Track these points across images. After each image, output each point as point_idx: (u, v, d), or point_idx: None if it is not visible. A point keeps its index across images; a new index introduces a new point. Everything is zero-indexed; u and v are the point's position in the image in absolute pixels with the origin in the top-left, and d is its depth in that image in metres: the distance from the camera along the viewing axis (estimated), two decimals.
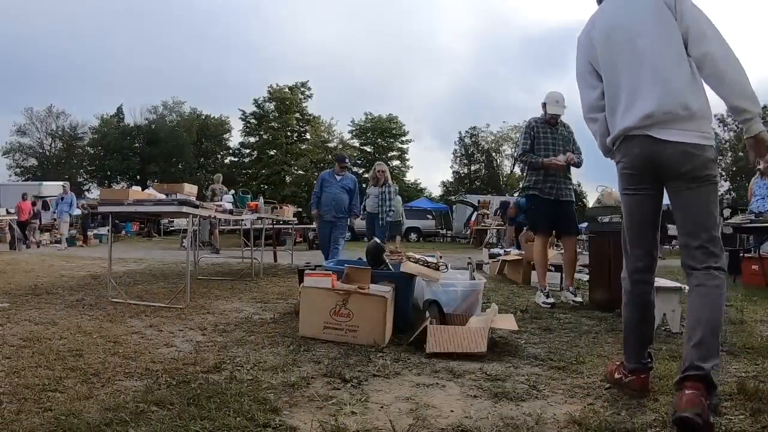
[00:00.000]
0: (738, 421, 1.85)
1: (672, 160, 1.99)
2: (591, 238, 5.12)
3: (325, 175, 7.06)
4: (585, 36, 2.27)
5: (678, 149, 1.98)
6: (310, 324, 3.09)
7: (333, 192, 6.82)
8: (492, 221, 17.01)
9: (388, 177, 8.09)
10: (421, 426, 1.82)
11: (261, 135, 38.03)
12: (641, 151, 2.06)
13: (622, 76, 2.11)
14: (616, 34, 2.14)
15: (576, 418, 1.86)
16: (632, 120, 2.05)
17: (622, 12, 2.16)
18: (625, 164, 2.12)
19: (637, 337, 2.18)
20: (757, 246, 6.87)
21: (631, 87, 2.08)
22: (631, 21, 2.12)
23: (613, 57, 2.14)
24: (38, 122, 40.92)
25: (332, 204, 6.74)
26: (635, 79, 2.07)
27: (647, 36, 2.06)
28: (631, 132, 2.07)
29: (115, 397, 2.03)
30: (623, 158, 2.13)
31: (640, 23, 2.09)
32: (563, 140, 4.78)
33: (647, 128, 2.02)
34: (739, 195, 33.90)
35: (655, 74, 2.03)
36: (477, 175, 43.22)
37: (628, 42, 2.10)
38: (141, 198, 4.80)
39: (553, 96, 4.82)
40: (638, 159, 2.07)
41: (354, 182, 7.04)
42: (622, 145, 2.12)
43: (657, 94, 2.00)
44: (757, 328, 3.53)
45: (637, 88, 2.06)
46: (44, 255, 10.44)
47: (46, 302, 4.28)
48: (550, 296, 4.49)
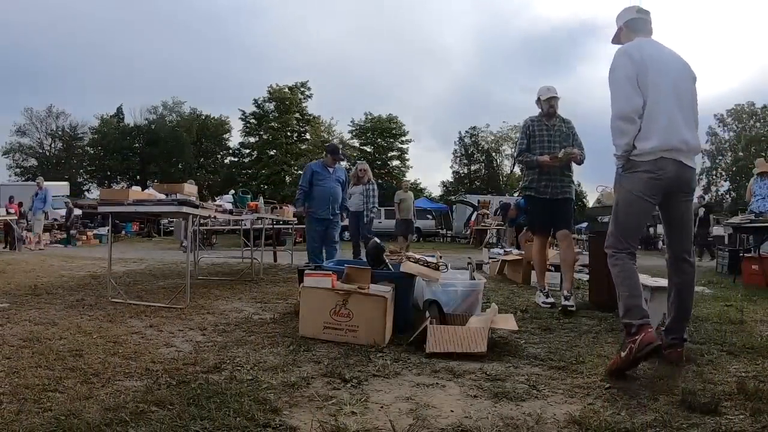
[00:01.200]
0: (738, 421, 1.85)
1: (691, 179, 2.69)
2: (591, 238, 5.12)
3: (316, 166, 6.33)
4: (638, 53, 2.66)
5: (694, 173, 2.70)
6: (310, 324, 3.09)
7: (329, 186, 6.14)
8: (492, 221, 17.01)
9: (371, 175, 8.18)
10: (421, 426, 1.82)
11: (261, 135, 38.00)
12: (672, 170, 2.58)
13: (664, 104, 2.60)
14: (665, 68, 2.65)
15: (576, 418, 1.86)
16: (673, 143, 2.56)
17: (670, 56, 2.73)
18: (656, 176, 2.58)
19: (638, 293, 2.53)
20: (757, 246, 6.88)
21: (671, 117, 2.59)
22: (676, 66, 2.71)
23: (660, 85, 2.61)
24: (38, 122, 41.01)
25: (329, 200, 6.09)
26: (675, 112, 2.61)
27: (686, 89, 2.70)
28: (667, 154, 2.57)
29: (115, 397, 2.03)
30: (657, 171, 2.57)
31: (682, 73, 2.72)
32: (561, 136, 4.57)
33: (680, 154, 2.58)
34: (739, 195, 33.90)
35: (690, 117, 2.66)
36: (477, 175, 43.22)
37: (673, 82, 2.64)
38: (141, 198, 4.80)
39: (544, 87, 4.65)
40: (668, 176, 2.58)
41: (345, 174, 6.60)
42: (658, 161, 2.57)
43: (691, 131, 2.64)
44: (757, 328, 3.53)
45: (675, 120, 2.59)
46: (44, 255, 10.44)
47: (46, 302, 4.28)
48: (549, 296, 4.47)
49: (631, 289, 2.55)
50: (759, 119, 40.54)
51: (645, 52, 2.65)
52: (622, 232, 2.65)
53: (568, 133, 4.62)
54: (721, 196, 41.18)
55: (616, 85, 2.67)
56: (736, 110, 40.82)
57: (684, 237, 2.71)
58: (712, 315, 3.92)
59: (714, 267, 8.61)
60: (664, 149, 2.56)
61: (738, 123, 40.99)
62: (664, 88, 2.61)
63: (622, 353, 2.39)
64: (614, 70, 2.68)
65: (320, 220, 6.09)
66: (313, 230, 6.16)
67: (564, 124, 4.65)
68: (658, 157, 2.56)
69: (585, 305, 4.46)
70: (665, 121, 2.57)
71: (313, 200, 6.11)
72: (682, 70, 2.73)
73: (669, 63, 2.69)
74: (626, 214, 2.66)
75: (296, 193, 6.41)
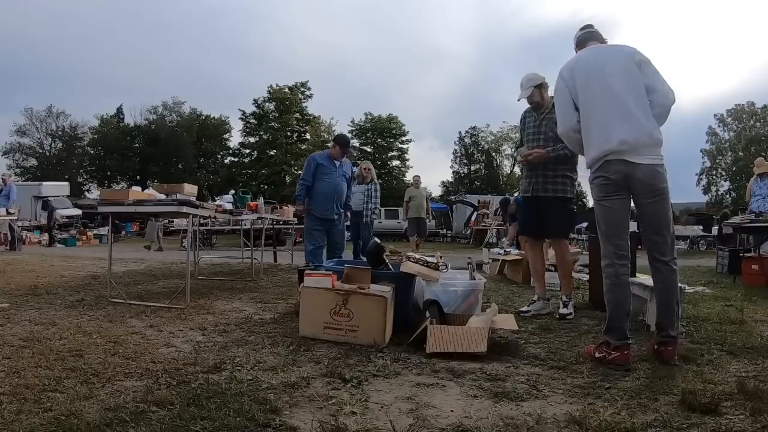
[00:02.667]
0: (738, 421, 1.85)
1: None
2: (591, 238, 5.12)
3: (321, 158, 5.56)
4: (568, 71, 2.82)
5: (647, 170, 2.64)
6: (310, 324, 3.09)
7: (335, 182, 5.45)
8: (492, 221, 17.01)
9: (374, 175, 7.97)
10: (421, 426, 1.82)
11: (261, 135, 38.01)
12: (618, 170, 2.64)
13: (597, 113, 2.70)
14: (597, 74, 2.72)
15: (576, 418, 1.86)
16: (610, 148, 2.63)
17: (602, 57, 2.78)
18: (605, 178, 2.68)
19: (623, 314, 2.64)
20: (757, 246, 6.87)
21: (604, 123, 2.67)
22: (607, 64, 2.73)
23: (589, 94, 2.73)
24: (38, 122, 40.97)
25: (333, 197, 5.43)
26: (608, 115, 2.66)
27: (620, 80, 2.68)
28: (610, 156, 2.64)
29: (115, 397, 2.03)
30: (605, 173, 2.68)
31: (614, 66, 2.71)
32: (549, 126, 3.90)
33: (623, 153, 2.61)
34: (739, 195, 33.88)
35: (629, 111, 2.64)
36: (477, 175, 43.22)
37: (602, 82, 2.69)
38: (141, 198, 4.80)
39: (524, 78, 4.07)
40: (617, 176, 2.65)
41: (351, 168, 5.97)
42: (604, 165, 2.68)
43: (632, 128, 2.62)
44: (757, 328, 3.53)
45: (609, 124, 2.65)
46: (44, 255, 10.44)
47: (46, 302, 4.28)
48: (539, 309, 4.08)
49: (613, 310, 2.65)
50: (759, 119, 40.51)
51: (576, 67, 2.81)
52: (603, 237, 2.75)
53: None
54: (721, 196, 41.13)
55: (556, 106, 2.95)
56: (736, 110, 40.80)
57: (653, 237, 2.69)
58: (712, 315, 3.91)
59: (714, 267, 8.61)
60: (603, 155, 2.66)
61: (738, 123, 40.96)
62: (594, 95, 2.71)
63: (597, 353, 2.62)
64: (554, 93, 2.96)
65: (322, 219, 5.43)
66: (313, 230, 5.49)
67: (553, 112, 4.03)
68: (603, 162, 2.68)
69: (585, 305, 4.46)
70: (597, 129, 2.69)
71: (314, 197, 5.43)
72: (612, 63, 2.72)
73: (599, 65, 2.74)
74: (600, 220, 2.77)
75: (297, 188, 5.71)
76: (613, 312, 2.66)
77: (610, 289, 2.69)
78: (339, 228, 5.59)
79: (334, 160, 5.54)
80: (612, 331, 2.61)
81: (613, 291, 2.68)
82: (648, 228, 2.72)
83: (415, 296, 3.63)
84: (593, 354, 2.64)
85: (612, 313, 2.66)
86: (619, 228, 2.71)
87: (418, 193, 10.68)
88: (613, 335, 2.59)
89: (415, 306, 3.60)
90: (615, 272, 2.67)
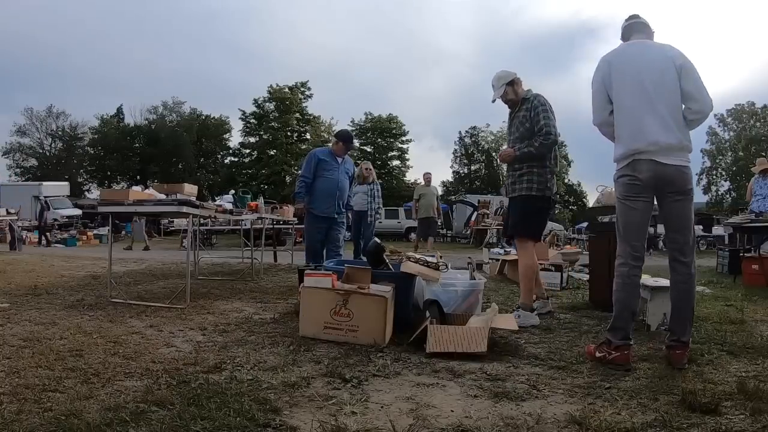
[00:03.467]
0: (738, 421, 1.85)
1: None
2: (591, 238, 5.12)
3: (322, 154, 5.30)
4: (606, 64, 2.76)
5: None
6: (310, 324, 3.09)
7: (337, 179, 5.19)
8: (492, 221, 17.01)
9: (374, 175, 7.89)
10: (421, 426, 1.82)
11: (261, 135, 38.01)
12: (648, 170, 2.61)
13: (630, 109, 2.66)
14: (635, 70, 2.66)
15: (576, 418, 1.86)
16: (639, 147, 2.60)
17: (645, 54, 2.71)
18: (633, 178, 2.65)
19: (629, 314, 2.63)
20: (757, 246, 6.87)
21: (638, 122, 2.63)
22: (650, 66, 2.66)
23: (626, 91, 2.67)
24: (38, 122, 41.01)
25: (335, 195, 5.17)
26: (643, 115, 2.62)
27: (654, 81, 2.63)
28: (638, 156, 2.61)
29: (115, 397, 2.03)
30: (633, 173, 2.64)
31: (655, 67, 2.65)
32: (516, 123, 3.84)
33: (652, 154, 2.59)
34: (739, 195, 33.90)
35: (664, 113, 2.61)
36: (477, 175, 43.22)
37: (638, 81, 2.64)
38: (141, 198, 4.80)
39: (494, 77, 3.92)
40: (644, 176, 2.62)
41: (353, 166, 5.68)
42: (632, 164, 2.64)
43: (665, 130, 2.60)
44: (757, 328, 3.53)
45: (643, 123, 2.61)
46: (44, 255, 10.44)
47: (46, 302, 4.28)
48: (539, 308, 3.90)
49: (620, 309, 2.63)
50: (759, 119, 40.51)
51: (615, 60, 2.75)
52: (621, 236, 2.71)
53: (526, 117, 3.76)
54: (721, 196, 41.14)
55: (592, 96, 2.84)
56: (736, 110, 40.79)
57: (677, 237, 2.68)
58: (712, 315, 3.91)
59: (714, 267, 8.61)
60: (632, 154, 2.63)
61: (738, 123, 40.96)
62: (627, 93, 2.67)
63: (597, 353, 2.62)
64: (591, 83, 2.83)
65: (323, 218, 5.15)
66: (314, 229, 5.23)
67: (524, 110, 3.79)
68: (631, 160, 2.64)
69: (585, 305, 4.46)
70: (628, 127, 2.65)
71: (315, 194, 5.16)
72: (654, 63, 2.66)
73: (637, 63, 2.68)
74: (620, 219, 2.72)
75: (296, 185, 5.44)
76: (619, 311, 2.63)
77: (621, 288, 2.66)
78: (340, 227, 5.31)
79: (337, 157, 5.26)
80: (615, 330, 2.60)
81: (623, 290, 2.65)
82: (671, 228, 2.70)
83: (415, 296, 3.63)
84: (594, 353, 2.65)
85: (618, 313, 2.63)
86: (639, 229, 2.67)
87: (428, 191, 9.97)
88: (615, 334, 2.59)
89: (415, 306, 3.60)
90: (628, 272, 2.64)
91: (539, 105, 3.71)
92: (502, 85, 3.84)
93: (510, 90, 3.84)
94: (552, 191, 3.83)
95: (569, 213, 40.77)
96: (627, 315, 2.62)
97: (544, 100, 3.77)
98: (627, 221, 2.68)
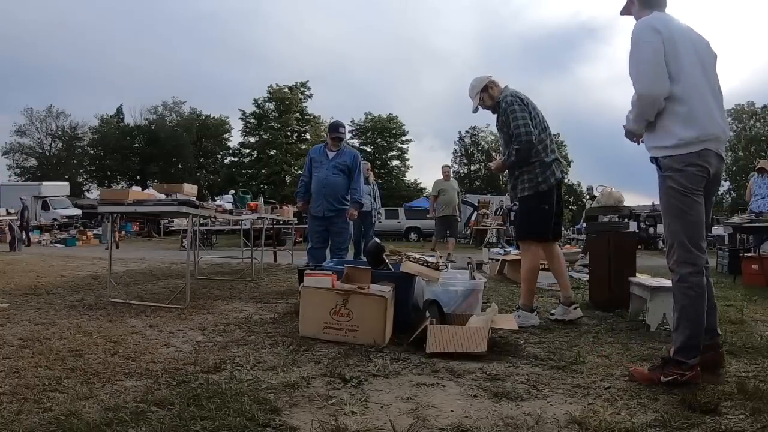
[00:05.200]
0: (738, 420, 1.85)
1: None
2: (591, 238, 5.12)
3: (314, 152, 5.20)
4: (665, 29, 2.34)
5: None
6: (310, 324, 3.09)
7: (322, 175, 4.96)
8: (492, 221, 17.02)
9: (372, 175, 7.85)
10: (421, 426, 1.82)
11: (261, 135, 38.00)
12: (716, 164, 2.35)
13: (701, 88, 2.34)
14: (693, 48, 2.38)
15: (576, 418, 1.86)
16: (713, 131, 2.30)
17: (694, 35, 2.44)
18: (701, 171, 2.30)
19: (702, 329, 2.28)
20: (757, 246, 6.87)
21: (708, 103, 2.34)
22: (702, 46, 2.43)
23: (694, 67, 2.35)
24: (38, 122, 41.00)
25: (322, 192, 4.92)
26: (709, 97, 2.35)
27: (710, 64, 2.42)
28: (709, 145, 2.29)
29: (115, 397, 2.03)
30: (702, 164, 2.29)
31: (709, 53, 2.45)
32: (499, 128, 3.84)
33: (719, 144, 2.34)
34: (739, 194, 33.89)
35: (721, 102, 2.41)
36: (477, 175, 43.22)
37: (699, 62, 2.37)
38: (141, 198, 4.80)
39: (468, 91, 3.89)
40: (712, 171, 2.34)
41: (355, 158, 5.11)
42: (702, 153, 2.29)
43: (724, 119, 2.41)
44: (757, 328, 3.53)
45: (711, 106, 2.34)
46: (44, 255, 10.44)
47: (46, 302, 4.28)
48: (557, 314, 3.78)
49: (693, 327, 2.26)
50: (759, 119, 40.54)
51: (673, 28, 2.36)
52: (685, 237, 2.29)
53: (503, 122, 3.73)
54: (721, 196, 41.13)
55: (643, 63, 2.32)
56: (736, 110, 40.78)
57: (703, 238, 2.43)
58: None
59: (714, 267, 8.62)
60: (706, 139, 2.28)
61: (738, 123, 40.97)
62: (697, 70, 2.34)
63: (663, 377, 2.23)
64: (639, 45, 2.33)
65: (318, 217, 5.01)
66: (310, 229, 5.12)
67: (500, 113, 3.77)
68: (702, 149, 2.28)
69: (585, 305, 4.46)
70: (703, 107, 2.30)
71: (311, 194, 5.07)
72: (708, 49, 2.45)
73: (696, 42, 2.41)
74: (683, 216, 2.30)
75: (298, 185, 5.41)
76: (693, 329, 2.26)
77: (694, 302, 2.27)
78: (340, 226, 5.00)
79: (329, 151, 5.06)
80: (689, 350, 2.24)
81: (697, 305, 2.27)
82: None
83: (415, 296, 3.63)
84: (656, 379, 2.24)
85: (692, 331, 2.26)
86: (701, 230, 2.34)
87: (448, 186, 8.95)
88: (689, 354, 2.24)
89: (415, 306, 3.60)
90: (699, 282, 2.28)
91: (507, 107, 3.66)
92: (477, 93, 3.80)
93: (486, 96, 3.79)
94: (548, 183, 3.67)
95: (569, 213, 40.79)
96: (701, 330, 2.27)
97: (512, 99, 3.67)
98: (695, 219, 2.29)
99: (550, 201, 3.72)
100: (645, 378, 2.27)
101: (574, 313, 3.67)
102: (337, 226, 4.98)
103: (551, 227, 3.77)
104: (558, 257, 3.86)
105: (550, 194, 3.71)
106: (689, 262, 2.28)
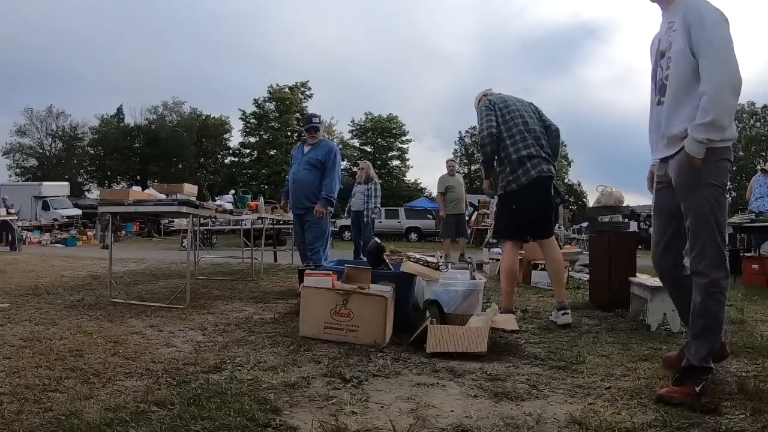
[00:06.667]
0: (738, 420, 1.85)
1: None
2: (591, 238, 5.12)
3: (295, 149, 5.21)
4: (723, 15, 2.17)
5: None
6: (310, 324, 3.09)
7: (293, 171, 4.91)
8: (492, 221, 17.01)
9: (372, 174, 7.76)
10: (421, 426, 1.82)
11: (261, 135, 38.03)
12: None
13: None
14: None
15: (576, 418, 1.86)
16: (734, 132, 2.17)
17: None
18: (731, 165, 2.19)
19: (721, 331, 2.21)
20: (757, 246, 6.87)
21: None
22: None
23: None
24: (38, 122, 41.05)
25: (293, 189, 4.85)
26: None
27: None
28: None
29: (115, 397, 2.03)
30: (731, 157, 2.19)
31: None
32: None
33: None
34: (740, 195, 33.89)
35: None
36: (477, 175, 43.21)
37: None
38: (141, 198, 4.80)
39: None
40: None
41: (328, 151, 4.83)
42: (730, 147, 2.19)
43: None
44: (757, 328, 3.53)
45: None
46: (44, 255, 10.44)
47: (46, 302, 4.28)
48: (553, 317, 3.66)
49: (718, 332, 2.17)
50: (759, 119, 40.51)
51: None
52: (721, 236, 2.13)
53: None
54: None
55: (726, 48, 2.04)
56: (736, 110, 40.78)
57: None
58: None
59: None
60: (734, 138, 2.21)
61: (738, 123, 40.81)
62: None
63: (697, 387, 2.04)
64: (721, 27, 2.07)
65: (295, 215, 4.94)
66: (294, 227, 5.14)
67: None
68: (732, 145, 2.20)
69: (585, 305, 4.46)
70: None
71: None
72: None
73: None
74: (718, 217, 2.13)
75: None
76: (718, 334, 2.17)
77: (724, 308, 2.17)
78: (310, 223, 4.76)
79: (306, 146, 4.93)
80: (711, 354, 2.16)
81: (722, 315, 2.17)
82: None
83: (415, 296, 3.64)
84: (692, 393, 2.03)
85: (717, 336, 2.17)
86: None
87: (455, 181, 8.52)
88: (710, 358, 2.16)
89: (415, 306, 3.61)
90: (726, 301, 2.17)
91: (478, 115, 3.82)
92: (477, 107, 3.96)
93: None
94: (519, 182, 3.62)
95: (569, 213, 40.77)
96: (720, 336, 2.21)
97: (483, 107, 3.79)
98: (723, 217, 2.15)
99: (520, 200, 3.64)
100: (683, 394, 2.03)
101: (563, 319, 3.53)
102: (308, 223, 4.79)
103: (522, 227, 3.70)
104: (550, 259, 3.79)
105: (520, 193, 3.63)
106: (722, 263, 2.12)
